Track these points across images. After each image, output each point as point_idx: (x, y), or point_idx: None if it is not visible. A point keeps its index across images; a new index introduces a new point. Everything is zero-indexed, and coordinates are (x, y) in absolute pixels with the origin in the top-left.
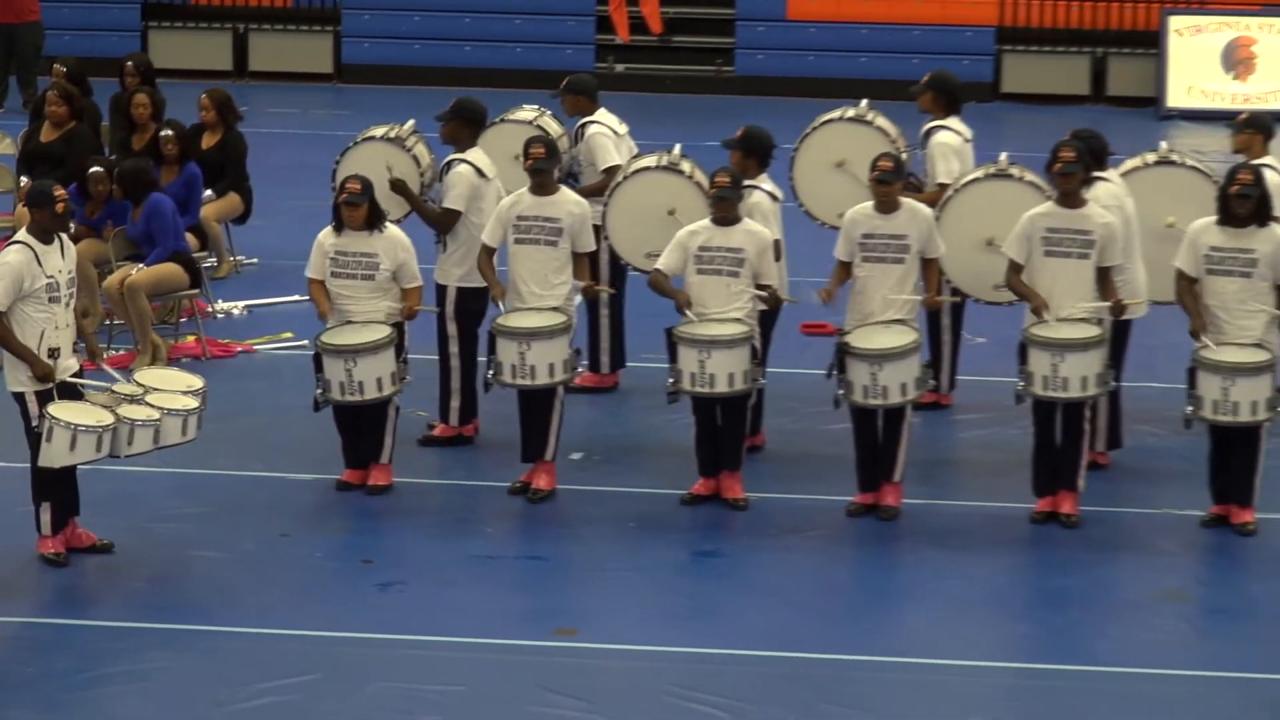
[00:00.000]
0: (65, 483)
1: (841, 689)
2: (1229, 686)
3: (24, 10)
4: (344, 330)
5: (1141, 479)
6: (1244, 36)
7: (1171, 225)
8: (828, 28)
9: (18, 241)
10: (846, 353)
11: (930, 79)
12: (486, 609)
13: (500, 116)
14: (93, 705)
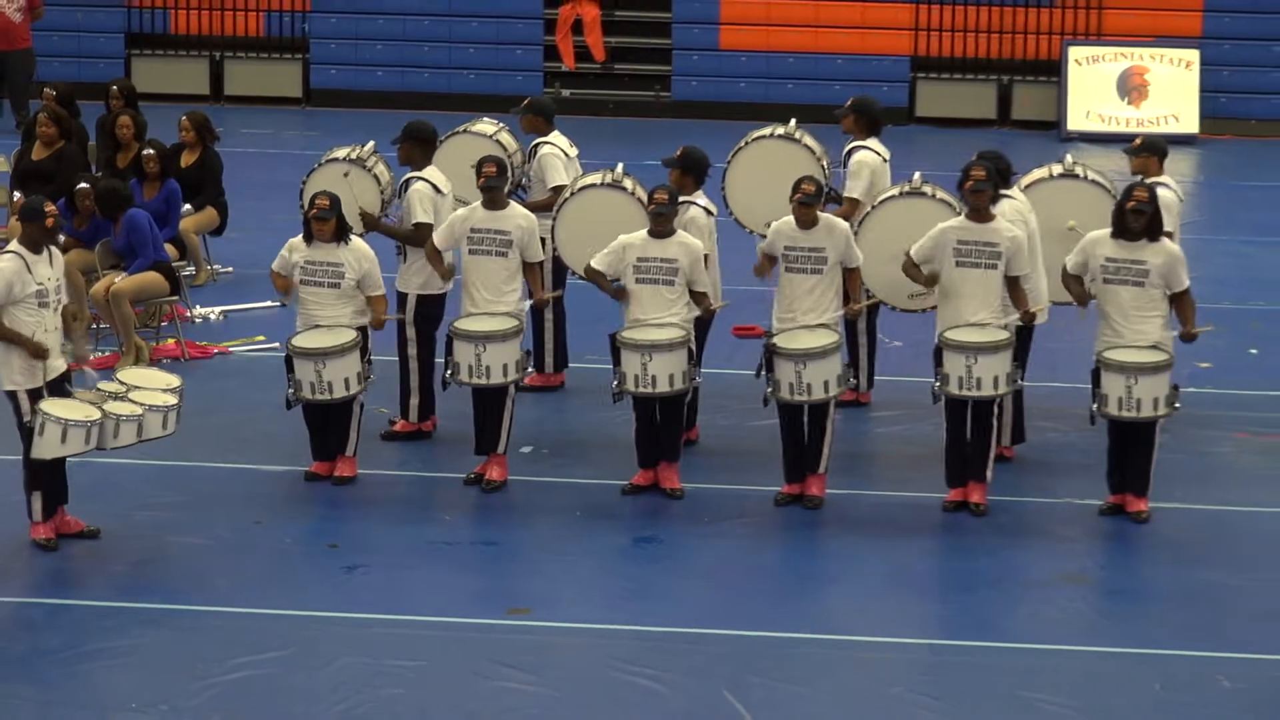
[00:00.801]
0: (55, 473)
1: (769, 664)
2: (1125, 661)
3: (16, 38)
4: (313, 334)
5: (1044, 471)
6: (1137, 66)
7: (1072, 229)
8: (757, 56)
9: (10, 251)
10: (773, 353)
11: (853, 103)
12: (444, 590)
13: (463, 127)
14: (81, 679)
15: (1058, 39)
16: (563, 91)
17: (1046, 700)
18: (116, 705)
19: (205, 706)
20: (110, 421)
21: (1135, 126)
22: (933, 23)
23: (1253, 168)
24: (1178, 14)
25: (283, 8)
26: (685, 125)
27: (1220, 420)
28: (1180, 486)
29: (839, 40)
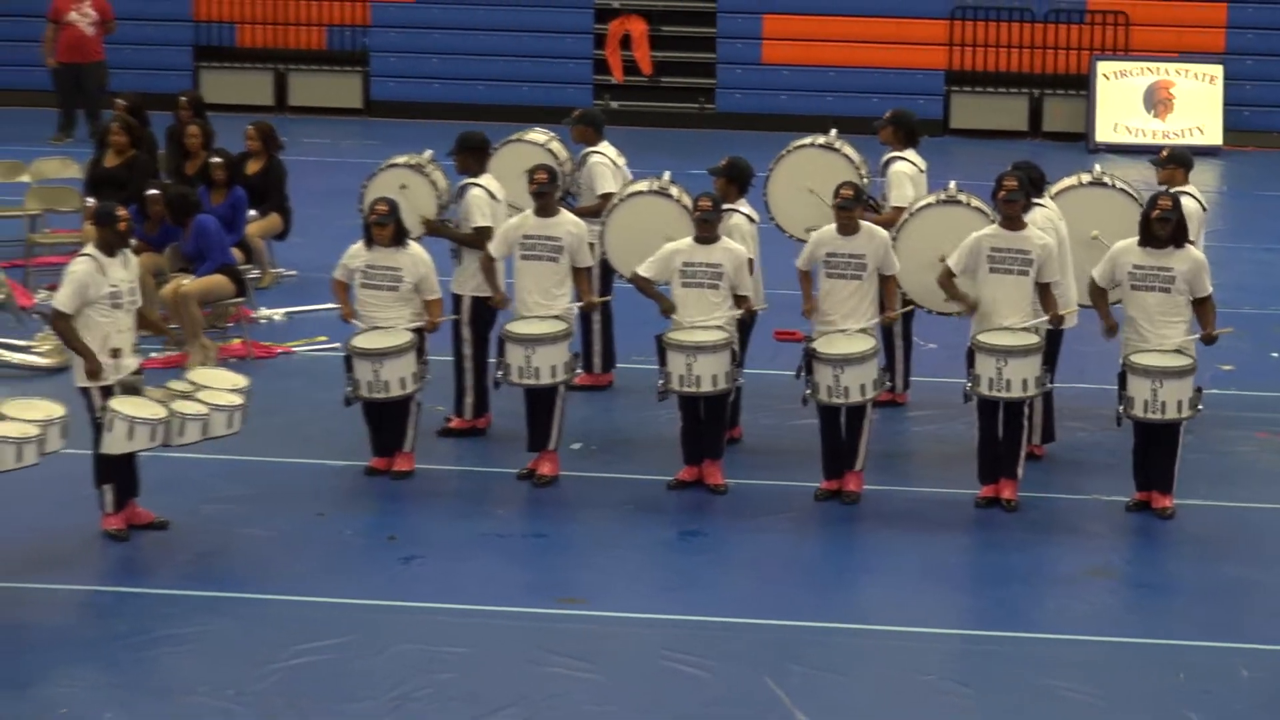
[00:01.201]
0: (126, 467)
1: (808, 652)
2: (1149, 652)
3: (90, 52)
4: (371, 335)
5: (1073, 469)
6: (1163, 80)
7: (1095, 238)
8: (798, 70)
9: (85, 255)
10: (813, 357)
11: (891, 115)
12: (497, 580)
13: (516, 136)
14: (149, 664)
15: (1087, 54)
16: (611, 103)
17: (1073, 689)
18: (183, 689)
19: (268, 691)
20: (176, 420)
21: (1161, 139)
22: (966, 38)
23: (1274, 178)
24: (1202, 31)
25: (344, 22)
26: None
27: (1242, 421)
28: (1203, 485)
29: (877, 55)
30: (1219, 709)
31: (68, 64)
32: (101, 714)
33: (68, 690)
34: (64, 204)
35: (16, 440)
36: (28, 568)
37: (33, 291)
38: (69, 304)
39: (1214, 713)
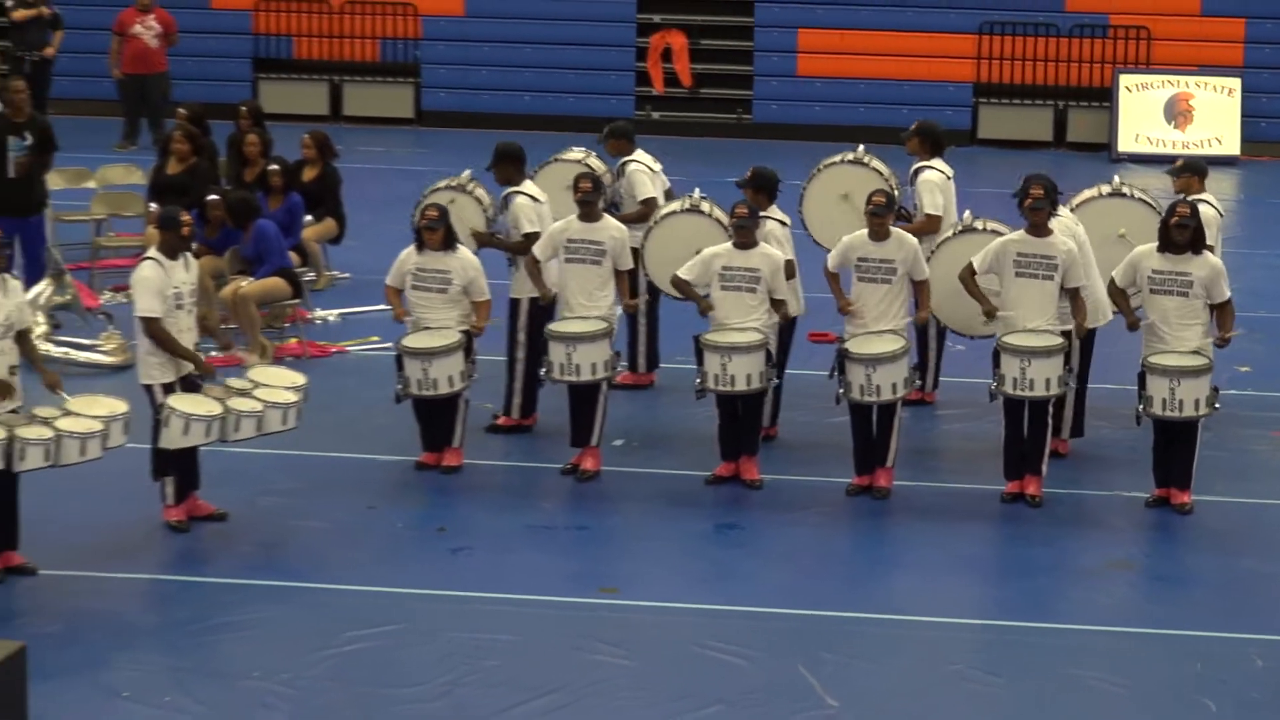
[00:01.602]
0: (187, 461)
1: (840, 640)
2: (1168, 641)
3: (154, 63)
4: (421, 335)
5: (1095, 465)
6: (1183, 92)
7: (1123, 236)
8: (831, 82)
9: (149, 258)
10: (845, 357)
11: (917, 126)
12: (541, 571)
13: (553, 156)
14: (208, 649)
15: (1109, 68)
16: (653, 114)
17: (1095, 677)
18: (241, 673)
19: (322, 676)
20: (232, 416)
21: (1180, 149)
22: (994, 52)
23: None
24: (1221, 45)
25: (396, 36)
26: (765, 146)
27: (1258, 420)
28: (1221, 481)
29: (907, 68)
30: (1235, 697)
31: (132, 75)
32: (162, 697)
33: (131, 674)
34: (128, 209)
35: (81, 435)
36: (93, 557)
37: (98, 293)
38: (154, 308)
39: (1230, 700)
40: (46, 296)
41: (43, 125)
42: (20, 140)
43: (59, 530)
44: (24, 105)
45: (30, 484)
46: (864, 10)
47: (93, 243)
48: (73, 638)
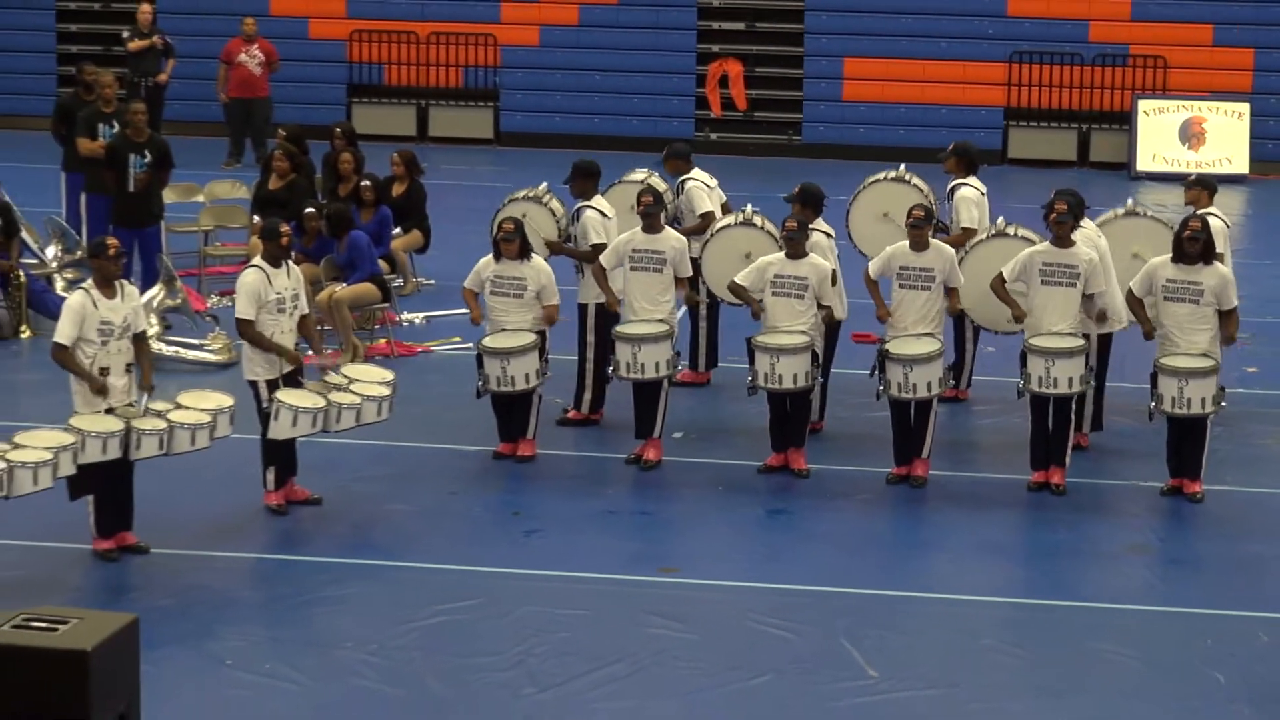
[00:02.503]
0: (287, 451)
1: (880, 616)
2: (1181, 619)
3: (258, 88)
4: (499, 336)
5: (1114, 457)
6: (1197, 116)
7: (1136, 255)
8: (874, 106)
9: (254, 266)
10: (885, 357)
11: (954, 147)
12: (607, 551)
13: (620, 178)
14: (305, 621)
15: (1129, 93)
16: (711, 135)
17: (1113, 650)
18: (335, 644)
19: (409, 646)
20: (334, 409)
21: (1194, 168)
22: (1023, 79)
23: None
24: (1231, 72)
25: (478, 64)
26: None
27: (1266, 416)
28: (1230, 472)
29: (943, 93)
30: (1241, 670)
31: (238, 99)
32: (263, 665)
33: (234, 644)
34: (233, 221)
35: (191, 426)
36: (201, 538)
37: (205, 297)
38: (249, 311)
39: (1237, 673)
40: (159, 300)
41: (161, 145)
42: (140, 158)
43: (170, 513)
44: (144, 126)
45: (144, 471)
46: (904, 40)
47: (201, 252)
48: (181, 611)
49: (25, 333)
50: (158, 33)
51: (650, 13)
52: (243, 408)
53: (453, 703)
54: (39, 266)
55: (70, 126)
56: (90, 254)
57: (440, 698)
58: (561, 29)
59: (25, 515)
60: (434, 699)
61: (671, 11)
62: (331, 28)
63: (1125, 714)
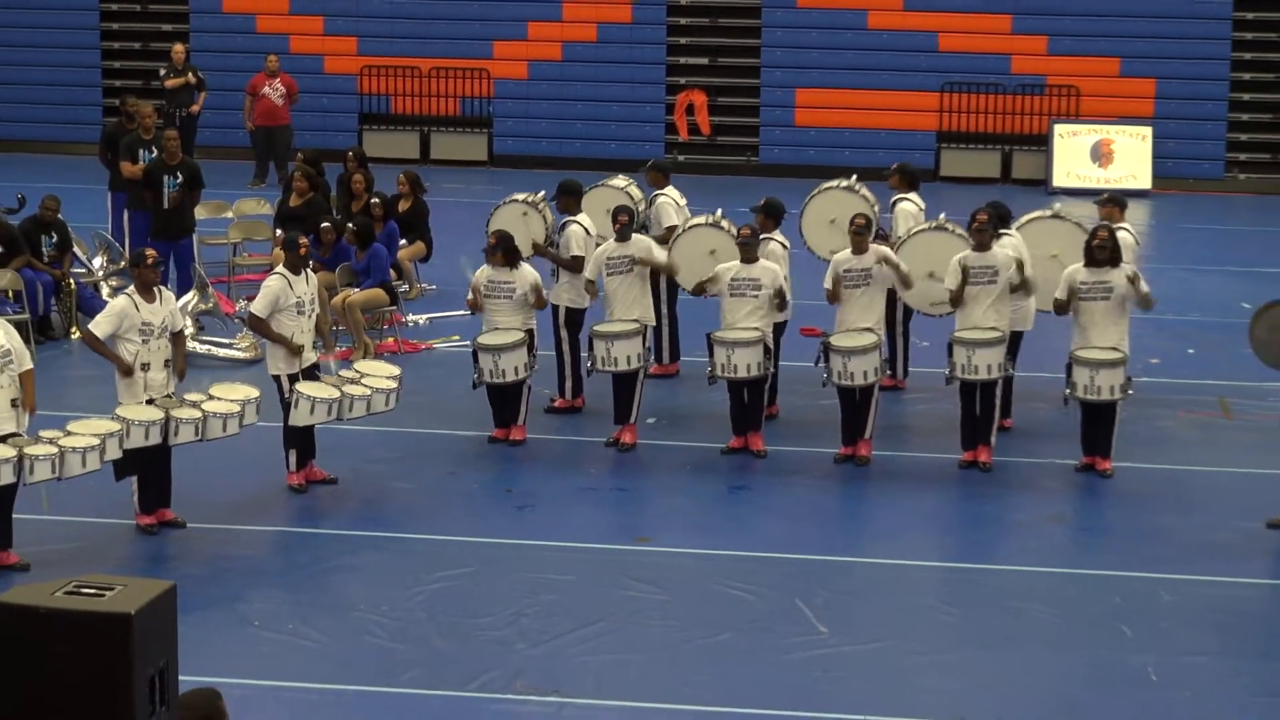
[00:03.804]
0: (306, 436)
1: (829, 578)
2: (1093, 580)
3: (279, 117)
4: (492, 334)
5: (1034, 438)
6: (1106, 138)
7: (1055, 256)
8: (823, 130)
9: (276, 273)
10: (829, 349)
11: (897, 166)
12: (589, 524)
13: (603, 181)
14: (323, 587)
15: (1046, 118)
16: (679, 157)
17: (1034, 608)
18: (349, 606)
19: (415, 608)
20: (347, 399)
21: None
22: (953, 106)
23: (1192, 215)
24: (1136, 100)
25: (474, 94)
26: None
27: (1167, 402)
28: (1136, 450)
29: (883, 119)
30: (1146, 624)
31: (262, 127)
32: (286, 625)
33: (261, 606)
34: (258, 234)
35: (223, 415)
36: (230, 514)
37: (234, 301)
38: (263, 310)
39: (1142, 627)
40: (193, 304)
41: (192, 167)
42: (174, 179)
43: (204, 491)
44: (176, 151)
45: (181, 454)
46: (848, 73)
47: (230, 261)
48: (213, 578)
49: (75, 334)
50: (191, 69)
51: (625, 49)
52: (267, 398)
53: (454, 657)
54: (87, 275)
55: (114, 152)
56: (131, 263)
57: (443, 653)
58: (547, 63)
59: (77, 495)
60: (438, 654)
61: (644, 48)
62: (344, 64)
63: (1045, 663)
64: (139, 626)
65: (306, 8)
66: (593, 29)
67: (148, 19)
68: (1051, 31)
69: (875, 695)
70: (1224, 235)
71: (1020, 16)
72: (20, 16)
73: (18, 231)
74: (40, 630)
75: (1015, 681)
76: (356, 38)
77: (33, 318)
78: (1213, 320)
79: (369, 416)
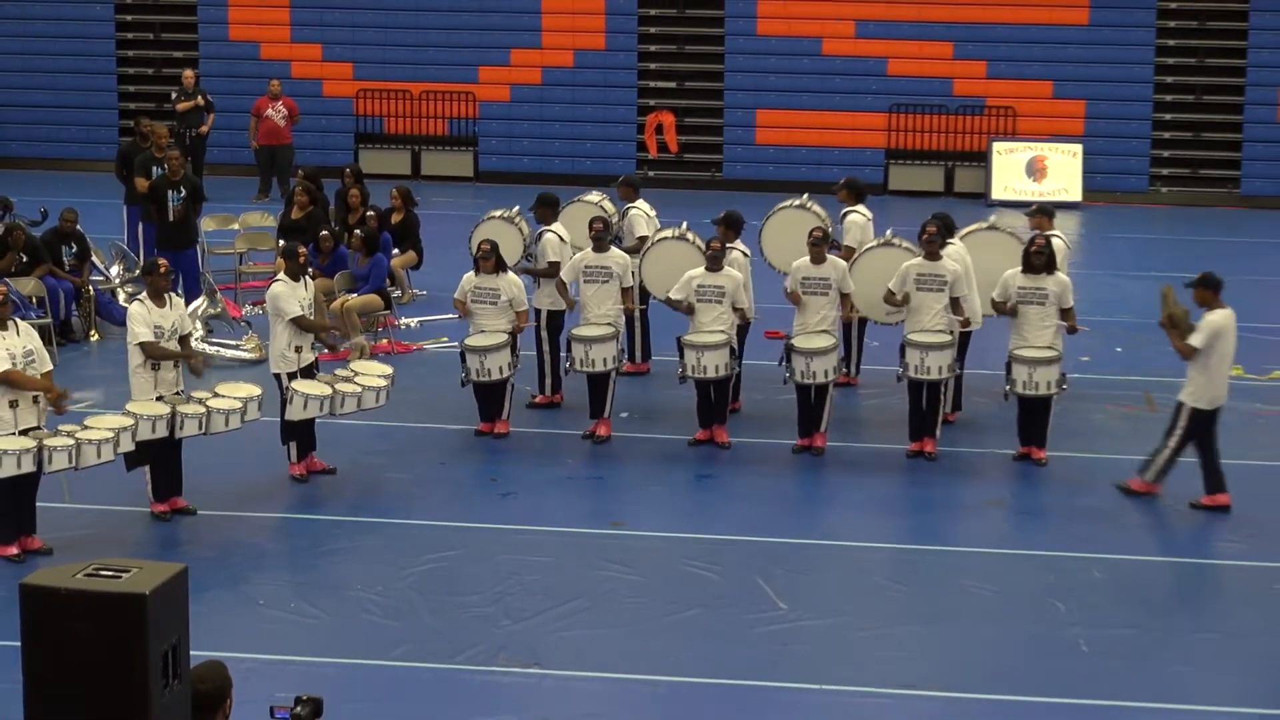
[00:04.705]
0: (306, 429)
1: (788, 559)
2: (1029, 560)
3: (282, 137)
4: (478, 337)
5: (976, 430)
6: (1040, 155)
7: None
8: (781, 148)
9: (279, 280)
10: (791, 350)
11: (845, 181)
12: (567, 509)
13: (578, 197)
14: (321, 569)
15: (985, 136)
16: (649, 173)
17: (975, 585)
18: (346, 585)
19: (406, 588)
20: (339, 396)
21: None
22: (900, 125)
23: (1118, 225)
24: (1067, 119)
25: (460, 116)
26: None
27: (1096, 396)
28: (1068, 440)
29: (836, 137)
30: (1078, 599)
31: (265, 146)
32: (288, 603)
33: (265, 587)
34: (262, 244)
35: (226, 411)
36: (237, 501)
37: (240, 306)
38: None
39: (1075, 602)
40: (202, 309)
41: (193, 182)
42: (177, 194)
43: (213, 481)
44: (179, 168)
45: (192, 447)
46: (804, 95)
47: (236, 270)
48: (221, 560)
49: (94, 336)
50: (200, 92)
51: (599, 74)
52: (270, 396)
53: (443, 632)
54: (105, 283)
55: (129, 169)
56: (144, 272)
57: (433, 628)
58: (528, 87)
59: (96, 485)
60: (428, 629)
61: (617, 73)
62: (341, 87)
63: (984, 636)
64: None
65: (307, 36)
66: (570, 55)
67: (160, 46)
68: (990, 57)
69: (830, 666)
70: (1148, 243)
71: (961, 43)
72: (43, 45)
73: (40, 242)
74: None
75: (958, 652)
76: (353, 63)
77: (54, 321)
78: (1138, 321)
79: (362, 412)
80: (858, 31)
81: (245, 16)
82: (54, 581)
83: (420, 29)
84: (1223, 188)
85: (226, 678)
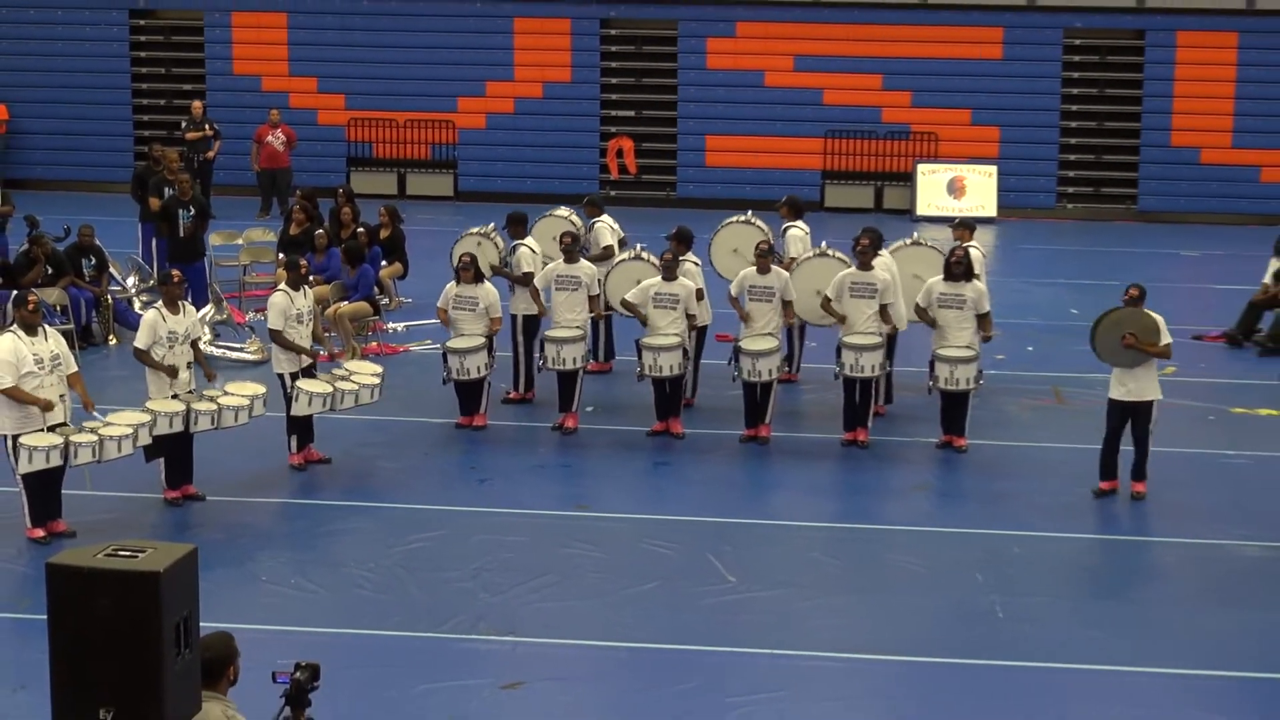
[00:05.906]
0: (305, 424)
1: (736, 537)
2: (953, 537)
3: (281, 161)
4: (458, 339)
5: (904, 421)
6: (959, 175)
7: (916, 276)
8: (729, 170)
9: (280, 290)
10: (739, 351)
11: (786, 199)
12: (539, 494)
13: (549, 212)
14: (319, 548)
15: (911, 159)
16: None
17: (903, 560)
18: (341, 563)
19: (394, 565)
20: (338, 393)
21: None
22: (835, 149)
23: (1030, 238)
24: (984, 144)
25: (442, 141)
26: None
27: (1012, 391)
28: (986, 430)
29: (777, 160)
30: (997, 573)
31: (266, 169)
32: (289, 579)
33: (267, 565)
34: (264, 258)
35: (235, 408)
36: (242, 488)
37: (244, 313)
38: (278, 323)
39: (994, 575)
40: (210, 316)
41: (200, 202)
42: (186, 212)
43: (221, 471)
44: (188, 189)
45: (202, 440)
46: (749, 122)
47: (241, 280)
48: (229, 542)
49: (112, 341)
50: (208, 122)
51: (566, 103)
52: (273, 394)
53: (428, 604)
54: (121, 292)
55: (144, 190)
56: (159, 282)
57: (419, 601)
58: (502, 115)
59: (115, 475)
60: (414, 602)
61: (581, 102)
62: (335, 116)
63: (913, 604)
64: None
65: (304, 70)
66: (539, 87)
67: (171, 80)
68: (915, 88)
69: (774, 632)
70: (1056, 254)
71: (890, 76)
72: (66, 78)
73: (63, 256)
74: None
75: (888, 619)
76: (344, 95)
77: (77, 328)
78: (1047, 323)
79: (357, 408)
80: (796, 65)
81: (248, 52)
82: (77, 561)
83: (405, 64)
84: (1122, 204)
85: (233, 647)
